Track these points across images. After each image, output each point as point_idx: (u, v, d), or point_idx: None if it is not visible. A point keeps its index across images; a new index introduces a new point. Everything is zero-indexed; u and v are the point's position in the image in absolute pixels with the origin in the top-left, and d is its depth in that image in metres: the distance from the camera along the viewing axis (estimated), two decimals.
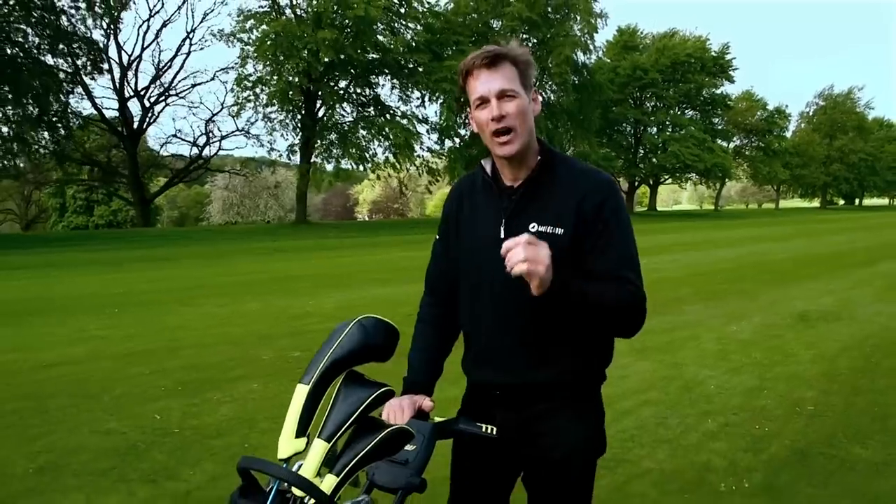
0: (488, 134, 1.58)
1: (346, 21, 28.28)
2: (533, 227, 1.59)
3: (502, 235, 1.61)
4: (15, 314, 8.60)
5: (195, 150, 36.13)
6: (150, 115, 34.13)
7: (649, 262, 14.61)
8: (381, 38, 30.83)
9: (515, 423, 1.67)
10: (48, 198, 50.39)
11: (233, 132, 35.40)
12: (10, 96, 22.18)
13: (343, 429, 1.30)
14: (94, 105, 30.76)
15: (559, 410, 1.66)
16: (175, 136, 38.48)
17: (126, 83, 33.06)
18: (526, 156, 1.62)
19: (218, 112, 40.37)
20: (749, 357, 6.06)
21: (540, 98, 1.66)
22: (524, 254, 1.36)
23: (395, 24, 32.17)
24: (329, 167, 33.38)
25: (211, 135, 35.70)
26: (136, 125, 33.28)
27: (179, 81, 37.26)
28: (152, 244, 22.80)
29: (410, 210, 76.47)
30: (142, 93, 34.03)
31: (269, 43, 27.87)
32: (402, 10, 31.91)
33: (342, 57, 28.43)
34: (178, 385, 5.26)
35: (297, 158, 32.72)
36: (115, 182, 38.27)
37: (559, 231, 1.58)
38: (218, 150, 36.56)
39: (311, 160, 32.89)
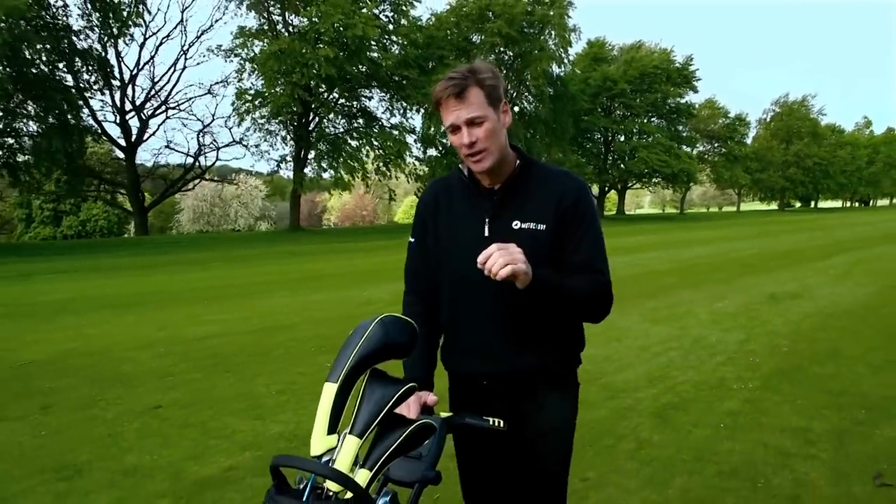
0: (463, 154, 1.70)
1: (345, 39, 29.99)
2: (515, 225, 1.71)
3: (486, 234, 1.73)
4: (126, 306, 10.14)
5: (189, 161, 37.49)
6: (146, 127, 35.41)
7: (636, 259, 16.68)
8: (372, 53, 32.56)
9: (506, 409, 1.78)
10: (13, 208, 48.68)
11: (230, 143, 36.87)
12: (41, 113, 23.47)
13: (374, 425, 1.33)
14: (96, 119, 32.04)
15: (545, 391, 1.81)
16: (168, 146, 39.63)
17: (125, 98, 34.40)
18: (501, 166, 1.73)
19: (210, 123, 41.70)
20: (736, 322, 8.02)
21: (510, 109, 1.76)
22: (502, 259, 1.49)
23: (385, 41, 33.96)
24: (326, 175, 35.08)
25: (205, 146, 37.22)
26: (133, 138, 34.48)
27: (176, 94, 38.43)
28: (165, 250, 23.99)
29: (378, 217, 77.87)
30: (139, 106, 35.25)
31: (271, 60, 29.39)
32: (392, 27, 33.77)
33: (338, 73, 30.08)
34: (321, 347, 6.93)
35: (290, 167, 34.38)
36: (84, 193, 37.39)
37: (541, 227, 1.71)
38: (216, 161, 38.14)
39: (304, 169, 34.53)
